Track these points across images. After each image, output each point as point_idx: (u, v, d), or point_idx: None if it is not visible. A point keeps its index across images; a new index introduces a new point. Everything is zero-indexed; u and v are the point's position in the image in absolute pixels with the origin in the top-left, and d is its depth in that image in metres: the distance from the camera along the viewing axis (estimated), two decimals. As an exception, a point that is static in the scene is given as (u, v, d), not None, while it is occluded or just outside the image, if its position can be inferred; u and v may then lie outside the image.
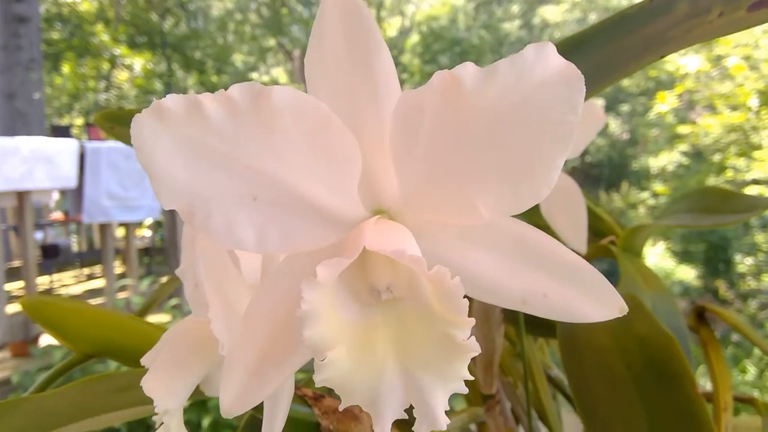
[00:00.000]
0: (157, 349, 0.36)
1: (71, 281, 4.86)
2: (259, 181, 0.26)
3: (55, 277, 4.72)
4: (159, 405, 0.33)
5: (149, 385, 0.33)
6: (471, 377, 0.25)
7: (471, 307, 0.25)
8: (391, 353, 0.26)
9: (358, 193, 0.28)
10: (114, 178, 3.47)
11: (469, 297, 0.27)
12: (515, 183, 0.26)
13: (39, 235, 5.03)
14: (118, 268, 4.45)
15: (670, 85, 6.11)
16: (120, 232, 4.65)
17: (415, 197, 0.29)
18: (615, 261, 0.66)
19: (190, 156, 0.25)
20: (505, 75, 0.24)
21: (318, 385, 0.25)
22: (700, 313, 0.69)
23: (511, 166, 0.26)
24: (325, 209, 0.28)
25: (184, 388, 0.35)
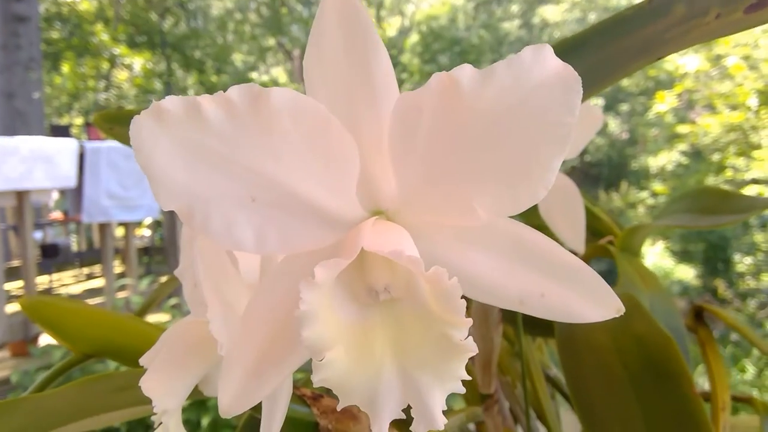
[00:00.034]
0: (155, 349, 0.36)
1: (71, 281, 4.86)
2: (258, 182, 0.26)
3: (55, 276, 4.72)
4: (157, 405, 0.33)
5: (148, 385, 0.33)
6: (468, 377, 0.25)
7: (469, 307, 0.25)
8: (389, 353, 0.26)
9: (356, 193, 0.28)
10: (113, 177, 3.47)
11: (468, 297, 0.27)
12: (512, 184, 0.26)
13: (38, 234, 5.03)
14: (118, 267, 4.46)
15: (669, 85, 6.11)
16: (119, 232, 4.65)
17: (413, 198, 0.29)
18: (613, 261, 0.66)
19: (189, 157, 0.25)
20: (503, 77, 0.24)
21: (316, 385, 0.25)
22: (698, 312, 0.69)
23: (509, 168, 0.26)
24: (323, 210, 0.28)
25: (183, 388, 0.35)
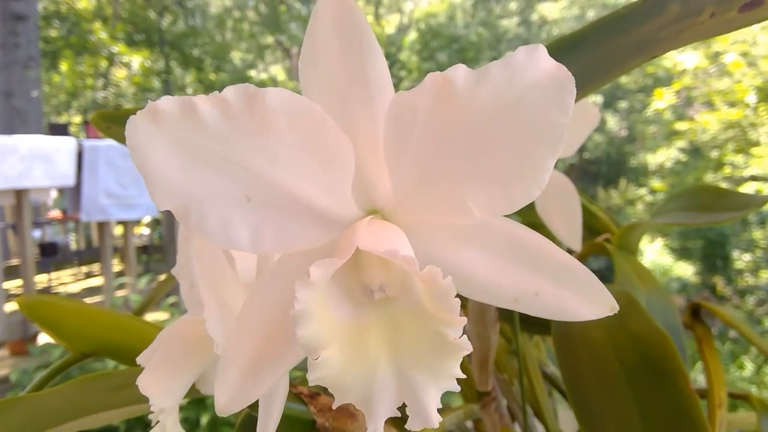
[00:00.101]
0: (153, 348, 0.36)
1: (69, 279, 4.86)
2: (254, 182, 0.26)
3: (54, 275, 4.72)
4: (155, 404, 0.33)
5: (145, 383, 0.33)
6: (463, 375, 0.26)
7: (465, 305, 0.25)
8: (384, 352, 0.26)
9: (351, 193, 0.28)
10: (112, 176, 3.46)
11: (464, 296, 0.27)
12: (506, 184, 0.26)
13: (37, 233, 5.03)
14: (117, 266, 4.46)
15: (667, 82, 6.11)
16: (118, 230, 4.65)
17: (407, 197, 0.29)
18: (610, 259, 0.67)
19: (185, 157, 0.25)
20: (496, 77, 0.24)
21: (312, 383, 0.25)
22: (695, 310, 0.69)
23: (503, 167, 0.26)
24: (319, 210, 0.28)
25: (180, 387, 0.35)
